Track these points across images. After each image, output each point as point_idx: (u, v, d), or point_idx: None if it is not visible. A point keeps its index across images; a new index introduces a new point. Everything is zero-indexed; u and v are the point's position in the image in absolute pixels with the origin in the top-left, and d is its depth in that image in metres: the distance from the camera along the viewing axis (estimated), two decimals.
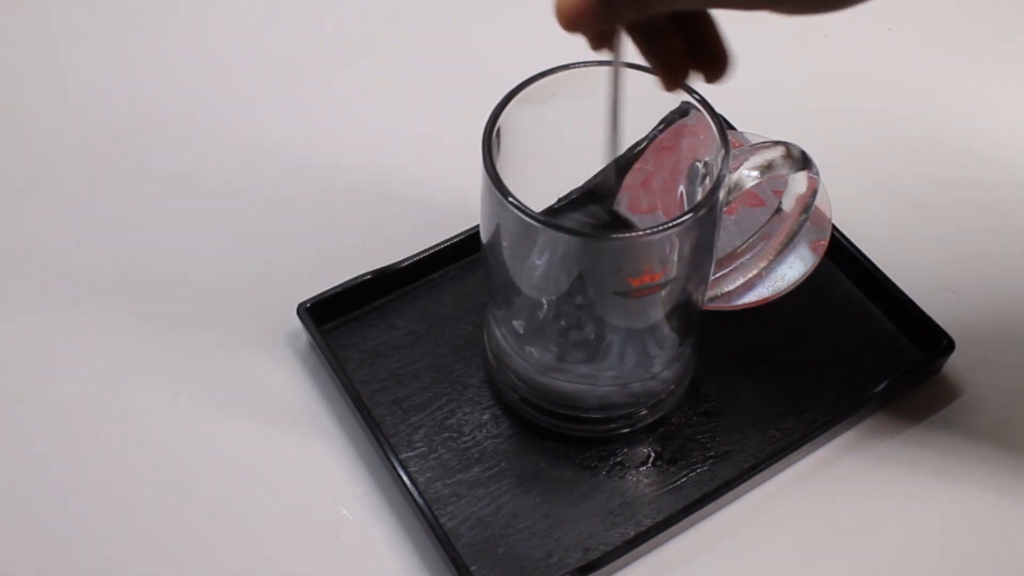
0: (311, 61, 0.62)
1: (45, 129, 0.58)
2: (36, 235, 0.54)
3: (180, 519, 0.44)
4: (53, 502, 0.44)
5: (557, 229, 0.36)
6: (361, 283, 0.49)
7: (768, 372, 0.48)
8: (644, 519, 0.43)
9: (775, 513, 0.44)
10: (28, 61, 0.62)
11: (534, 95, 0.39)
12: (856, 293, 0.50)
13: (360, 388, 0.46)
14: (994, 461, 0.46)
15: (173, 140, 0.58)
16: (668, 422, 0.46)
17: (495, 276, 0.41)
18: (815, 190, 0.42)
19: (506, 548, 0.42)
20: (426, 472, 0.44)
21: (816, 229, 0.47)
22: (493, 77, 0.41)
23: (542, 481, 0.44)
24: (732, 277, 0.45)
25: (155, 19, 0.64)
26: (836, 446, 0.46)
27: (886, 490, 0.45)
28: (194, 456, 0.46)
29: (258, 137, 0.58)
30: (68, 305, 0.51)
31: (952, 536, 0.44)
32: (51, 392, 0.48)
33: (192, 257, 0.53)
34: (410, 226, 0.52)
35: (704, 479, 0.44)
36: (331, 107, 0.60)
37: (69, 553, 0.43)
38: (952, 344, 0.47)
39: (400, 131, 0.58)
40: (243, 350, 0.49)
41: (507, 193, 0.36)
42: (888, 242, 0.52)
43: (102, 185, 0.56)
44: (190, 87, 0.60)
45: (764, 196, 0.48)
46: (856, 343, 0.49)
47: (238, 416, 0.47)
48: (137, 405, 0.47)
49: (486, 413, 0.46)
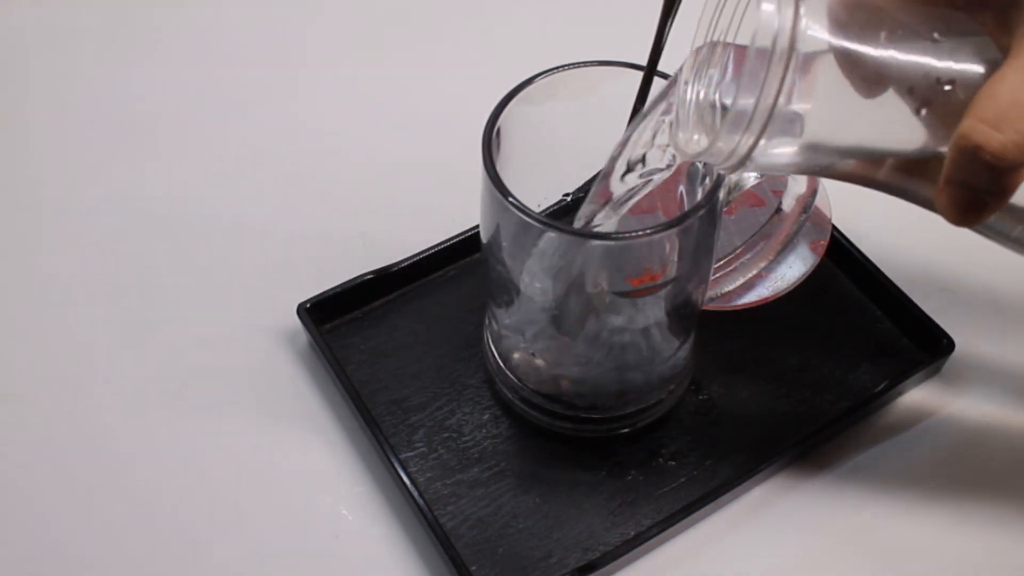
0: (311, 61, 0.62)
1: (44, 130, 0.58)
2: (36, 235, 0.54)
3: (179, 519, 0.44)
4: (51, 502, 0.44)
5: (557, 229, 0.36)
6: (361, 283, 0.49)
7: (768, 372, 0.48)
8: (644, 519, 0.43)
9: (775, 513, 0.44)
10: (27, 61, 0.62)
11: (534, 95, 0.39)
12: (856, 293, 0.50)
13: (360, 388, 0.46)
14: (994, 461, 0.46)
15: (172, 140, 0.58)
16: (668, 422, 0.46)
17: (495, 276, 0.41)
18: (815, 190, 0.42)
19: (506, 548, 0.42)
20: (426, 472, 0.44)
21: (816, 229, 0.47)
22: (493, 77, 0.40)
23: (542, 481, 0.44)
24: (732, 277, 0.45)
25: (153, 21, 0.64)
26: (836, 446, 0.46)
27: (886, 490, 0.45)
28: (193, 456, 0.46)
29: (258, 137, 0.58)
30: (68, 305, 0.51)
31: (952, 536, 0.44)
32: (49, 392, 0.48)
33: (192, 257, 0.52)
34: (410, 226, 0.52)
35: (704, 479, 0.44)
36: (331, 107, 0.59)
37: (68, 552, 0.43)
38: (952, 344, 0.47)
39: (400, 131, 0.58)
40: (243, 350, 0.49)
41: (507, 193, 0.36)
42: (888, 242, 0.52)
43: (102, 185, 0.56)
44: (189, 88, 0.60)
45: (764, 196, 0.48)
46: (856, 343, 0.49)
47: (238, 416, 0.47)
48: (136, 405, 0.47)
49: (486, 413, 0.46)
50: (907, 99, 0.30)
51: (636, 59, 0.39)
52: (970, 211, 0.30)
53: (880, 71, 0.30)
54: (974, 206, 0.30)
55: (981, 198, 0.29)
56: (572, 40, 0.60)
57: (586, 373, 0.43)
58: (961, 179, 0.29)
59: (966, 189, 0.29)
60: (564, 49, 0.43)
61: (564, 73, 0.39)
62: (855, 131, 0.31)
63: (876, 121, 0.30)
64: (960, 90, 0.30)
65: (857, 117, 0.31)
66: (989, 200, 0.29)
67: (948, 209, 0.30)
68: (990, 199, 0.29)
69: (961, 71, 0.30)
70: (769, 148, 0.30)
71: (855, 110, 0.30)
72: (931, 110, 0.30)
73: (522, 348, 0.43)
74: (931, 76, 0.30)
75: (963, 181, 0.29)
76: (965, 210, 0.30)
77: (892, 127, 0.30)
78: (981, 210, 0.30)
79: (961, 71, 0.30)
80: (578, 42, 0.57)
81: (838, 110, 0.30)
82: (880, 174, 0.32)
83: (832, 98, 0.30)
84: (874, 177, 0.32)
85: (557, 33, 0.62)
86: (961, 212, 0.30)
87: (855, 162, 0.32)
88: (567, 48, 0.44)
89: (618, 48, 0.42)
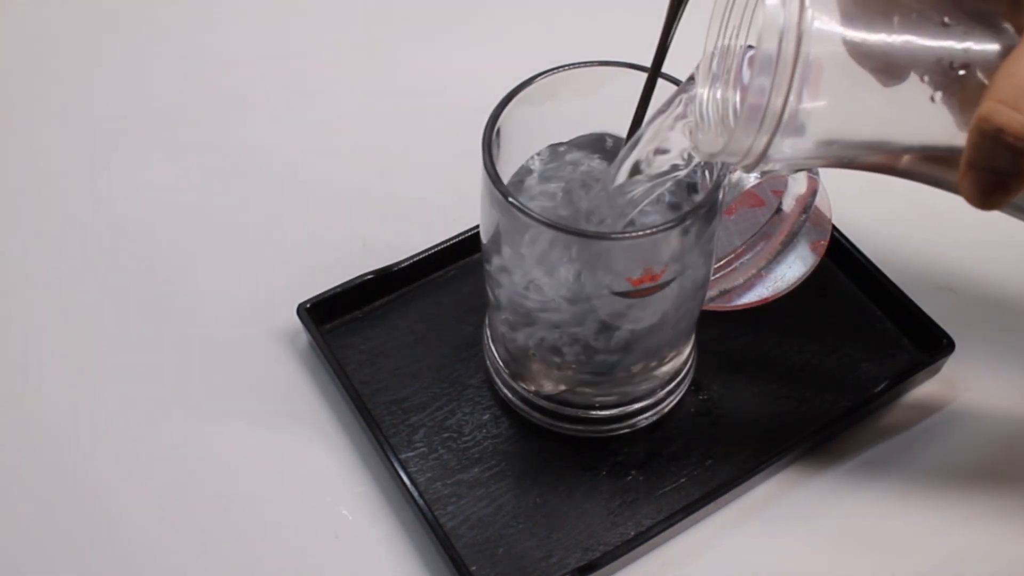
0: (312, 61, 0.62)
1: (44, 130, 0.58)
2: (35, 235, 0.54)
3: (179, 518, 0.44)
4: (51, 502, 0.44)
5: (557, 229, 0.36)
6: (361, 283, 0.49)
7: (768, 372, 0.48)
8: (644, 519, 0.43)
9: (775, 513, 0.44)
10: (28, 61, 0.62)
11: (534, 95, 0.39)
12: (856, 293, 0.50)
13: (360, 388, 0.46)
14: (994, 461, 0.46)
15: (172, 140, 0.58)
16: (668, 422, 0.46)
17: (495, 276, 0.41)
18: (815, 190, 0.42)
19: (506, 548, 0.42)
20: (426, 472, 0.44)
21: (816, 229, 0.47)
22: (493, 77, 0.40)
23: (542, 481, 0.44)
24: (732, 277, 0.45)
25: (161, 21, 0.64)
26: (836, 446, 0.46)
27: (886, 490, 0.45)
28: (193, 456, 0.46)
29: (258, 138, 0.58)
30: (68, 305, 0.51)
31: (952, 535, 0.44)
32: (48, 392, 0.48)
33: (192, 257, 0.52)
34: (410, 226, 0.52)
35: (704, 479, 0.44)
36: (331, 107, 0.59)
37: (68, 553, 0.43)
38: (952, 344, 0.47)
39: (400, 131, 0.58)
40: (243, 350, 0.49)
41: (507, 193, 0.36)
42: (888, 242, 0.52)
43: (102, 184, 0.56)
44: (188, 87, 0.60)
45: (764, 196, 0.48)
46: (856, 343, 0.49)
47: (238, 416, 0.47)
48: (136, 404, 0.47)
49: (486, 413, 0.46)
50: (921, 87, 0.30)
51: (638, 60, 0.39)
52: (995, 194, 0.29)
53: (891, 60, 0.29)
54: (999, 188, 0.29)
55: (1004, 180, 0.29)
56: (573, 40, 0.60)
57: (586, 373, 0.43)
58: (983, 163, 0.29)
59: (989, 172, 0.29)
60: (565, 49, 0.43)
61: (564, 73, 0.39)
62: (870, 124, 0.31)
63: (891, 113, 0.30)
64: (975, 74, 0.29)
65: (871, 110, 0.30)
66: (1013, 182, 0.29)
67: (972, 194, 0.30)
68: (1013, 180, 0.29)
69: (975, 54, 0.29)
70: (785, 145, 0.30)
71: (869, 103, 0.30)
72: (946, 96, 0.30)
73: (522, 348, 0.43)
74: (944, 62, 0.29)
75: (986, 164, 0.29)
76: (990, 193, 0.29)
77: (908, 118, 0.30)
78: (1007, 192, 0.29)
79: (975, 54, 0.29)
80: (579, 42, 0.57)
81: (851, 104, 0.30)
82: (902, 163, 0.32)
83: (844, 92, 0.30)
84: (895, 166, 0.32)
85: (557, 33, 0.62)
86: (986, 196, 0.29)
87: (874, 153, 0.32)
88: (568, 48, 0.44)
89: (620, 48, 0.42)
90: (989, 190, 0.29)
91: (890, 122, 0.30)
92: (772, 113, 0.29)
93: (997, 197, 0.29)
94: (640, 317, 0.40)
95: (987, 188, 0.29)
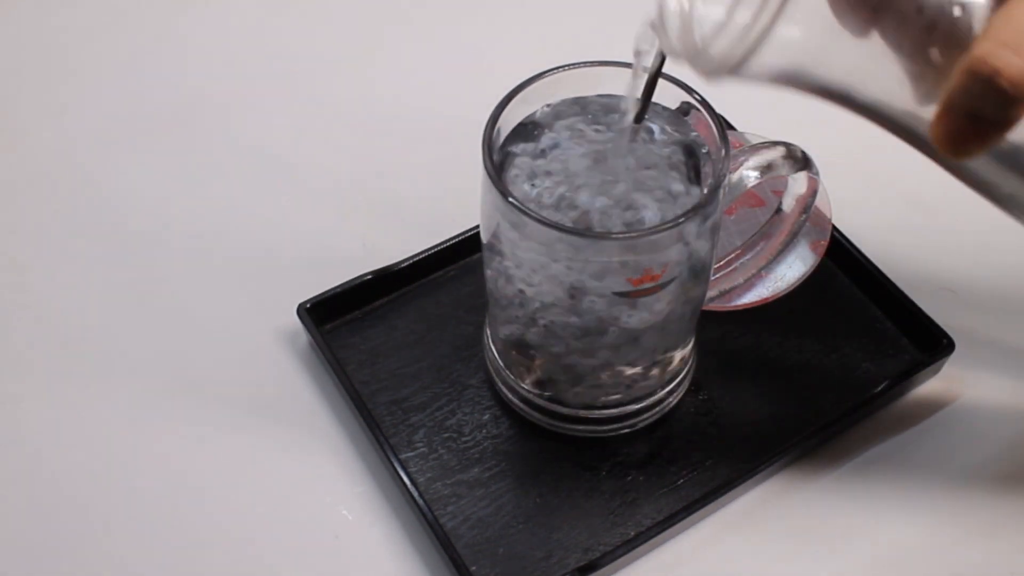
0: (311, 61, 0.62)
1: (43, 130, 0.58)
2: (35, 234, 0.54)
3: (178, 519, 0.44)
4: (51, 502, 0.44)
5: (557, 229, 0.36)
6: (361, 283, 0.49)
7: (768, 372, 0.48)
8: (644, 519, 0.43)
9: (775, 513, 0.44)
10: (27, 61, 0.62)
11: (534, 95, 0.39)
12: (856, 293, 0.50)
13: (360, 388, 0.46)
14: (994, 461, 0.46)
15: (172, 141, 0.58)
16: (668, 422, 0.46)
17: (495, 276, 0.41)
18: (815, 190, 0.42)
19: (506, 548, 0.42)
20: (426, 472, 0.44)
21: (816, 229, 0.47)
22: (493, 77, 0.40)
23: (542, 481, 0.44)
24: (732, 277, 0.45)
25: (161, 20, 0.64)
26: (836, 446, 0.46)
27: (886, 490, 0.45)
28: (193, 456, 0.46)
29: (258, 138, 0.58)
30: (68, 305, 0.51)
31: (952, 535, 0.44)
32: (48, 392, 0.48)
33: (192, 257, 0.52)
34: (410, 226, 0.52)
35: (704, 479, 0.44)
36: (331, 107, 0.59)
37: (67, 553, 0.43)
38: (952, 344, 0.47)
39: (400, 131, 0.58)
40: (243, 350, 0.49)
41: (507, 193, 0.36)
42: (888, 242, 0.52)
43: (102, 184, 0.56)
44: (188, 87, 0.60)
45: (764, 196, 0.48)
46: (856, 343, 0.49)
47: (238, 416, 0.47)
48: (136, 404, 0.47)
49: (486, 413, 0.46)
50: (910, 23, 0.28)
51: None
52: (969, 142, 0.28)
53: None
54: (976, 137, 0.28)
55: (983, 129, 0.28)
56: (572, 40, 0.60)
57: (586, 373, 0.43)
58: (967, 106, 0.27)
59: (969, 118, 0.28)
60: (564, 49, 0.43)
61: (564, 73, 0.39)
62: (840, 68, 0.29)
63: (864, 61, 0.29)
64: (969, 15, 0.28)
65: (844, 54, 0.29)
66: (992, 131, 0.28)
67: (944, 139, 0.28)
68: (992, 130, 0.28)
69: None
70: (755, 65, 0.29)
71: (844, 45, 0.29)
72: (935, 35, 0.28)
73: (522, 347, 0.43)
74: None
75: (969, 109, 0.27)
76: (964, 141, 0.28)
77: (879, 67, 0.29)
78: (982, 142, 0.28)
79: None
80: (578, 42, 0.57)
81: (827, 42, 0.29)
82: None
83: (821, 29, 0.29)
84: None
85: (557, 33, 0.62)
86: (959, 143, 0.28)
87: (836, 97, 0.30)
88: (567, 48, 0.44)
89: (618, 48, 0.41)
90: (964, 137, 0.28)
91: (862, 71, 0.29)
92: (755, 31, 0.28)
93: (971, 146, 0.28)
94: (640, 317, 0.40)
95: (963, 135, 0.28)
